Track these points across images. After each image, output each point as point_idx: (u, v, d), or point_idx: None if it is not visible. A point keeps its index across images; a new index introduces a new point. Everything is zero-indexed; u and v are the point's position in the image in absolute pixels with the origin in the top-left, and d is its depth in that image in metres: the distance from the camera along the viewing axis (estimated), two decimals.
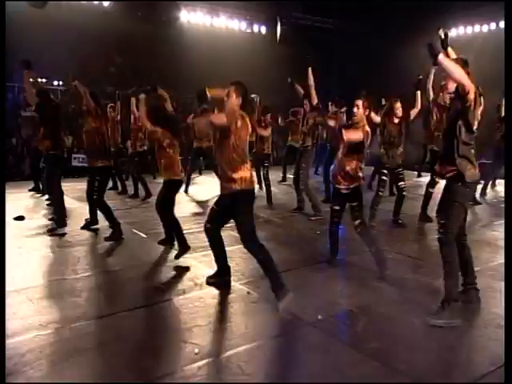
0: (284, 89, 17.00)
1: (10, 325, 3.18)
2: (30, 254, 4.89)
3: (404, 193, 6.38)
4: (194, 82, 16.05)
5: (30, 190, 9.03)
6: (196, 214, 7.27)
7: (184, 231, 5.78)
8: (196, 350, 2.86)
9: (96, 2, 13.29)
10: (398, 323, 3.42)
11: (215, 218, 3.90)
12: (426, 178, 10.47)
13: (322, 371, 2.76)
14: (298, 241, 5.68)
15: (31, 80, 6.01)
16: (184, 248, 4.74)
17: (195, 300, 3.71)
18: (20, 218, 6.39)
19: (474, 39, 17.64)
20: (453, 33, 18.36)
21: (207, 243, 5.36)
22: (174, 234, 4.93)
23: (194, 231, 6.01)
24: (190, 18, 14.53)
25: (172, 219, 4.88)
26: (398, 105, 6.37)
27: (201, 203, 8.18)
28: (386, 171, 6.30)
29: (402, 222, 6.39)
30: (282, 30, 16.31)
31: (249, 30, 16.32)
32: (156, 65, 17.09)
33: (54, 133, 6.04)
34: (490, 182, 9.25)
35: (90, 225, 5.91)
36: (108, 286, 4.15)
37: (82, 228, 5.89)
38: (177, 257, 4.66)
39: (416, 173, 11.69)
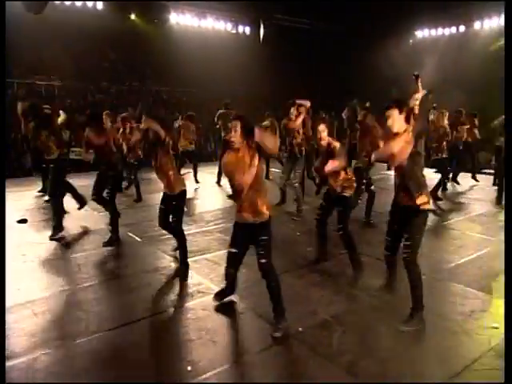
0: (264, 85, 17.04)
1: (18, 342, 3.15)
2: (33, 262, 4.77)
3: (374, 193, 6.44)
4: (185, 77, 15.90)
5: (39, 191, 8.60)
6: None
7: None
8: (189, 368, 2.87)
9: (90, 4, 12.75)
10: (369, 333, 3.48)
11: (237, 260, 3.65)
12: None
13: None
14: (279, 243, 5.57)
15: None
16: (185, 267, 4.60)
17: (187, 311, 3.69)
18: (23, 221, 6.21)
19: (438, 41, 17.72)
20: (419, 34, 18.45)
21: (196, 247, 5.40)
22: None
23: (186, 234, 5.95)
24: (179, 19, 14.17)
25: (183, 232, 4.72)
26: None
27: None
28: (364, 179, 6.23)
29: (372, 222, 6.42)
30: (264, 31, 16.14)
31: (234, 31, 16.06)
32: (148, 61, 16.75)
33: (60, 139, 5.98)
34: (451, 177, 9.31)
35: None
36: (105, 297, 4.07)
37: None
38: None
39: (386, 165, 11.76)
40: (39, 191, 8.55)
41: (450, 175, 9.20)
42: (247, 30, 16.23)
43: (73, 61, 15.29)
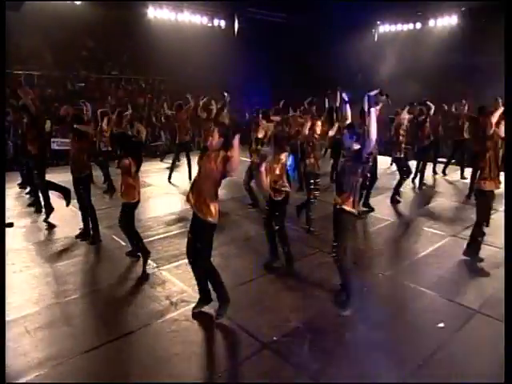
0: (238, 74, 16.77)
1: (14, 363, 3.09)
2: (22, 273, 4.60)
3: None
4: (163, 67, 15.39)
5: (19, 184, 8.31)
6: (170, 214, 6.89)
7: (155, 237, 5.75)
8: None
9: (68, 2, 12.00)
10: (333, 339, 3.56)
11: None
12: None
13: None
14: (254, 244, 5.53)
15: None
16: (145, 257, 4.75)
17: (171, 323, 3.68)
18: (9, 225, 5.83)
19: (397, 35, 17.77)
20: (381, 29, 18.40)
21: (178, 251, 5.18)
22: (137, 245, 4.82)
23: (167, 235, 5.86)
24: (157, 14, 13.58)
25: (134, 233, 4.81)
26: (319, 122, 6.07)
27: (176, 200, 7.82)
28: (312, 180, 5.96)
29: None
30: (238, 25, 15.76)
31: (209, 24, 15.53)
32: (127, 50, 16.11)
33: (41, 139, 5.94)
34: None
35: (83, 235, 5.60)
36: (93, 310, 4.01)
37: (77, 237, 5.58)
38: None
39: None
40: (19, 184, 8.26)
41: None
42: (222, 23, 15.72)
43: (51, 50, 14.53)
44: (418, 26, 17.11)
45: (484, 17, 14.21)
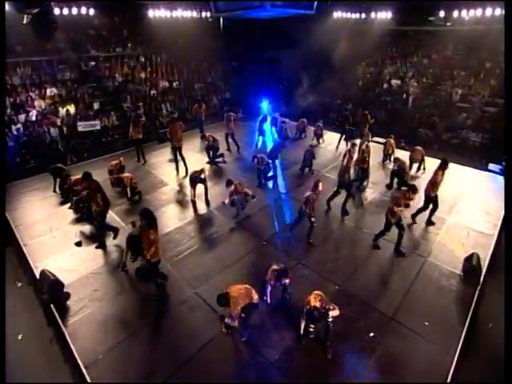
0: (222, 58, 15.10)
1: None
2: (105, 301, 4.42)
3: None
4: (158, 43, 13.64)
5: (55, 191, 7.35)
6: (189, 222, 6.14)
7: (185, 252, 5.37)
8: None
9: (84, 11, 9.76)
10: (311, 356, 3.71)
11: None
12: None
13: None
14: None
15: None
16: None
17: (212, 346, 3.78)
18: (78, 244, 5.51)
19: (347, 21, 16.09)
20: (334, 16, 16.45)
21: (206, 269, 4.84)
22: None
23: (194, 249, 5.46)
24: (156, 13, 11.51)
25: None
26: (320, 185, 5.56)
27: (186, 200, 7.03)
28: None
29: (312, 242, 5.66)
30: (223, 20, 13.80)
31: (198, 16, 13.46)
32: (128, 30, 13.82)
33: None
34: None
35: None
36: (155, 341, 3.90)
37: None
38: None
39: None
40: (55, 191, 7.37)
41: None
42: (209, 14, 13.56)
43: (63, 32, 12.20)
44: (363, 16, 15.68)
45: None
